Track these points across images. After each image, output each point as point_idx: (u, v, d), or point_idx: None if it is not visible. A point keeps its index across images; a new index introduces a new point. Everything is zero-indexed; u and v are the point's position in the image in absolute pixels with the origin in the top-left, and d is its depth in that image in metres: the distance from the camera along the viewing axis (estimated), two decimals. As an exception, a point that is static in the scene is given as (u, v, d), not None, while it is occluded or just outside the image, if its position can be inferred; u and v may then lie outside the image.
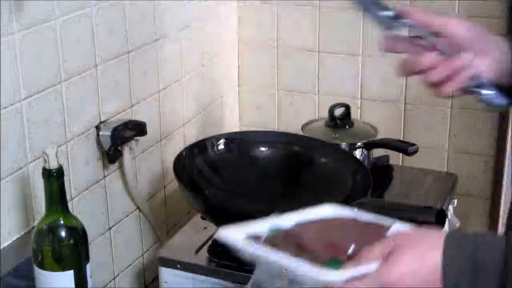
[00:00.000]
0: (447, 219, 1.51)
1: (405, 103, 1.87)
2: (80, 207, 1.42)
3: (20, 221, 1.28)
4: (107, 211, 1.51)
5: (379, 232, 0.98)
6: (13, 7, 1.19)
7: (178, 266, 1.41)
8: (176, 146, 1.69)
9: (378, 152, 1.74)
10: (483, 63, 1.07)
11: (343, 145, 1.67)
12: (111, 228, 1.53)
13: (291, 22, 1.92)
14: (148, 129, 1.53)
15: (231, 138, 1.61)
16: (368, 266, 0.91)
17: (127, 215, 1.59)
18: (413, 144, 1.71)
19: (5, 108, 1.21)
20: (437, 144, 1.87)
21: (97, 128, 1.44)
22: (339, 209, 1.05)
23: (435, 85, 1.08)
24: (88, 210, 1.44)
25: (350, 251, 0.94)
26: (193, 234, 1.51)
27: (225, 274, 1.38)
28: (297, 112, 1.97)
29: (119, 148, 1.47)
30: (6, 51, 1.20)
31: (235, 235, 0.99)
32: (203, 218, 1.51)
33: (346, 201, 1.39)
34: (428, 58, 1.07)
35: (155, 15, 1.59)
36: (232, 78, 2.00)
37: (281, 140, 1.62)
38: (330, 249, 0.95)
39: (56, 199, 1.18)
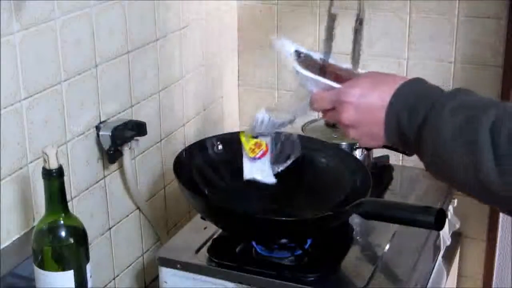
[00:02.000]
0: (447, 219, 1.51)
1: (405, 103, 1.87)
2: (80, 207, 1.42)
3: (20, 221, 1.28)
4: (107, 211, 1.51)
5: None
6: (13, 7, 1.19)
7: (178, 266, 1.41)
8: (176, 146, 1.69)
9: (378, 152, 1.74)
10: None
11: (343, 145, 1.67)
12: (111, 228, 1.53)
13: (291, 22, 1.92)
14: (148, 129, 1.53)
15: (231, 138, 1.61)
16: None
17: (127, 215, 1.59)
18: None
19: (5, 108, 1.21)
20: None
21: (97, 128, 1.44)
22: None
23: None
24: (88, 210, 1.44)
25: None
26: (193, 234, 1.51)
27: (225, 274, 1.38)
28: (297, 112, 1.96)
29: (119, 148, 1.47)
30: (6, 51, 1.20)
31: (288, 47, 1.20)
32: (203, 218, 1.51)
33: (346, 201, 1.40)
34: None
35: (155, 15, 1.59)
36: (232, 78, 2.00)
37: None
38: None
39: (56, 199, 1.18)
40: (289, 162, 1.30)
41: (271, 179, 1.31)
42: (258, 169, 1.31)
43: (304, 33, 1.91)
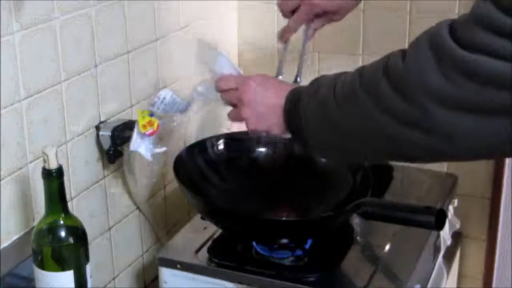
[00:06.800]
0: (447, 219, 1.51)
1: (405, 103, 1.86)
2: (80, 207, 1.42)
3: (20, 221, 1.28)
4: (107, 211, 1.51)
5: None
6: (13, 7, 1.19)
7: (178, 266, 1.41)
8: (176, 146, 1.69)
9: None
10: None
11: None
12: (111, 228, 1.53)
13: (291, 22, 1.91)
14: (148, 129, 1.53)
15: (231, 138, 1.61)
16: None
17: (127, 215, 1.59)
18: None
19: (5, 108, 1.21)
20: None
21: (97, 128, 1.44)
22: None
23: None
24: (88, 210, 1.44)
25: None
26: (193, 234, 1.51)
27: (225, 274, 1.38)
28: (297, 112, 1.96)
29: (119, 148, 1.47)
30: (6, 51, 1.20)
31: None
32: (203, 218, 1.51)
33: (346, 201, 1.40)
34: None
35: (155, 15, 1.59)
36: (232, 78, 2.00)
37: (281, 140, 1.62)
38: None
39: (56, 199, 1.18)
40: (164, 148, 1.44)
41: (148, 157, 1.43)
42: (143, 145, 1.42)
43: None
